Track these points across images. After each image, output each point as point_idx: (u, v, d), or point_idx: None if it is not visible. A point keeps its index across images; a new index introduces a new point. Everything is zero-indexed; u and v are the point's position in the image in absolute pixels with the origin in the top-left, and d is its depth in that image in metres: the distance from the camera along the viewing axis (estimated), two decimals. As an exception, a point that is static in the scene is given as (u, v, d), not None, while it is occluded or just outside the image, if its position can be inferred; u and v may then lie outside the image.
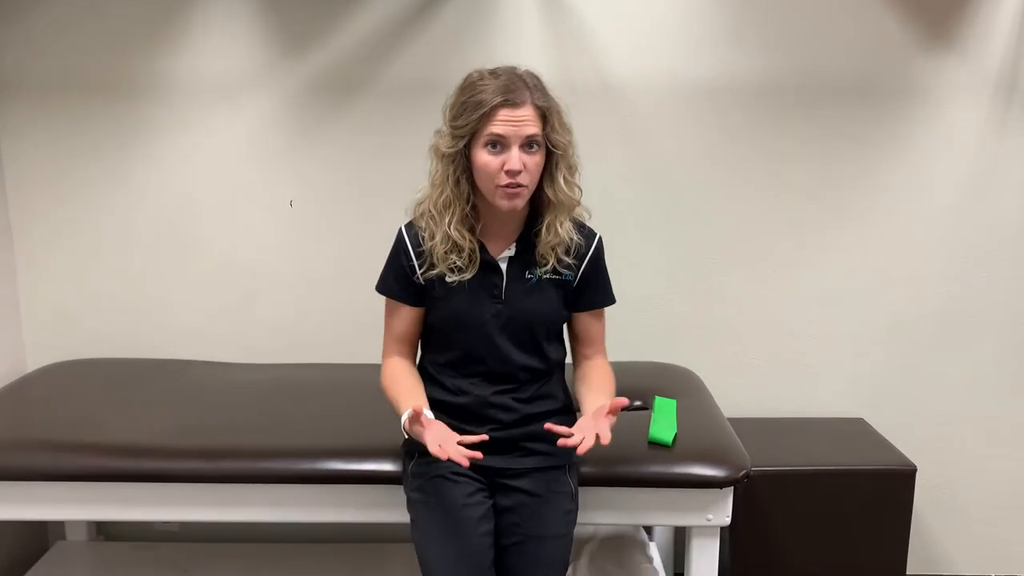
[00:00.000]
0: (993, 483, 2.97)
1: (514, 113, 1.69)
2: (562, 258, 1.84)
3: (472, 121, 1.70)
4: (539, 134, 1.72)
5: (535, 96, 1.73)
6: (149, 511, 2.18)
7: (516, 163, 1.69)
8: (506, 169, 1.70)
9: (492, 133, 1.70)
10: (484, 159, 1.72)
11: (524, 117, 1.70)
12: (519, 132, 1.70)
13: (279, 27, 2.73)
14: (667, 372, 2.75)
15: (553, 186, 1.79)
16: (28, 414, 2.47)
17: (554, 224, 1.81)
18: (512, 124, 1.69)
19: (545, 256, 1.83)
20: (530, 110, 1.71)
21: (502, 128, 1.69)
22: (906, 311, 2.88)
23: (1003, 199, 2.81)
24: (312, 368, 2.80)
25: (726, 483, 2.06)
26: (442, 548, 1.80)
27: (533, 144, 1.72)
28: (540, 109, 1.72)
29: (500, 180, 1.71)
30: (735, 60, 2.73)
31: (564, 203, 1.81)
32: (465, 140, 1.73)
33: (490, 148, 1.71)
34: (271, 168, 2.81)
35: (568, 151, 1.79)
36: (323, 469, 2.09)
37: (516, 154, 1.70)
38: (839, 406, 2.93)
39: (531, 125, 1.71)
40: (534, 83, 1.75)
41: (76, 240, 2.86)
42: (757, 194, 2.82)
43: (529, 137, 1.71)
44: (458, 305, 1.84)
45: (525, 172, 1.71)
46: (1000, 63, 2.73)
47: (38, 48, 2.73)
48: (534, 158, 1.73)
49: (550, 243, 1.82)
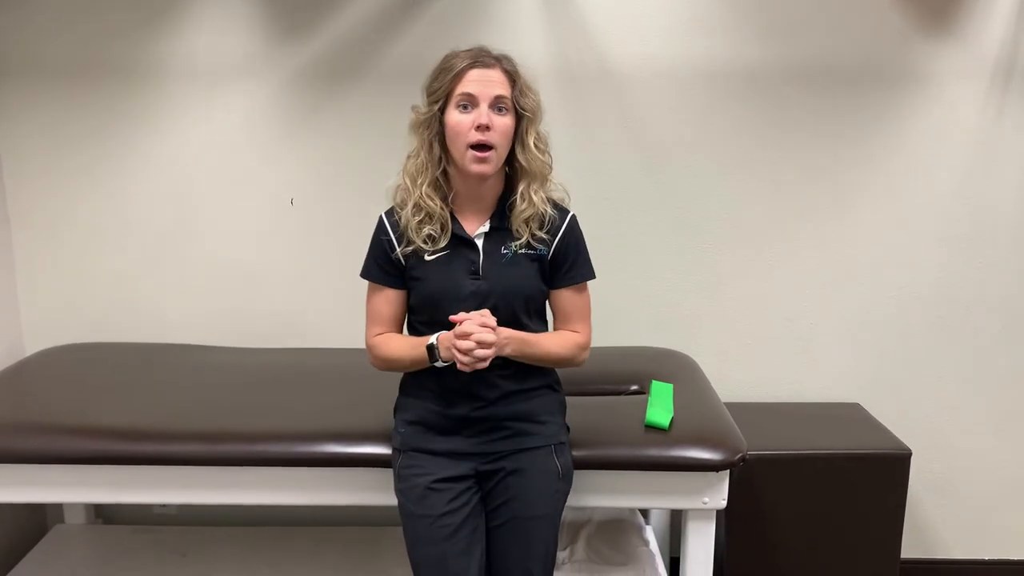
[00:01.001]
0: (987, 468, 2.99)
1: (484, 73, 1.79)
2: (536, 232, 1.88)
3: (445, 83, 1.80)
4: (507, 97, 1.81)
5: (504, 62, 1.83)
6: (147, 494, 2.18)
7: (485, 118, 1.78)
8: (476, 125, 1.78)
9: (463, 93, 1.79)
10: (456, 119, 1.80)
11: (492, 78, 1.79)
12: (488, 91, 1.78)
13: (275, 15, 2.72)
14: (664, 357, 2.75)
15: (524, 152, 1.85)
16: (26, 398, 2.47)
17: (527, 192, 1.86)
18: (481, 83, 1.78)
19: (519, 230, 1.88)
20: (498, 73, 1.81)
21: (472, 87, 1.78)
22: (903, 297, 2.89)
23: (1001, 184, 2.81)
24: (309, 352, 2.80)
25: (722, 467, 2.07)
26: (427, 553, 1.88)
27: (502, 108, 1.80)
28: (508, 73, 1.82)
29: (470, 138, 1.79)
30: (734, 45, 2.72)
31: (537, 171, 1.86)
32: (439, 104, 1.82)
33: (461, 109, 1.80)
34: (267, 154, 2.81)
35: (536, 115, 1.86)
36: (320, 452, 2.10)
37: (485, 110, 1.78)
38: (835, 391, 2.94)
39: (500, 86, 1.79)
40: (502, 54, 1.85)
41: (73, 226, 2.86)
42: (755, 179, 2.82)
43: (498, 98, 1.79)
44: (437, 282, 1.87)
45: (494, 131, 1.79)
46: (999, 48, 2.72)
47: (34, 35, 2.72)
48: (504, 119, 1.81)
49: (524, 213, 1.86)
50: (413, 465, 1.93)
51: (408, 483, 1.92)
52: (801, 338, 2.92)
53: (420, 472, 1.91)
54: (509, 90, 1.81)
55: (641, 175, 2.81)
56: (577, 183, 2.00)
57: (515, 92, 1.81)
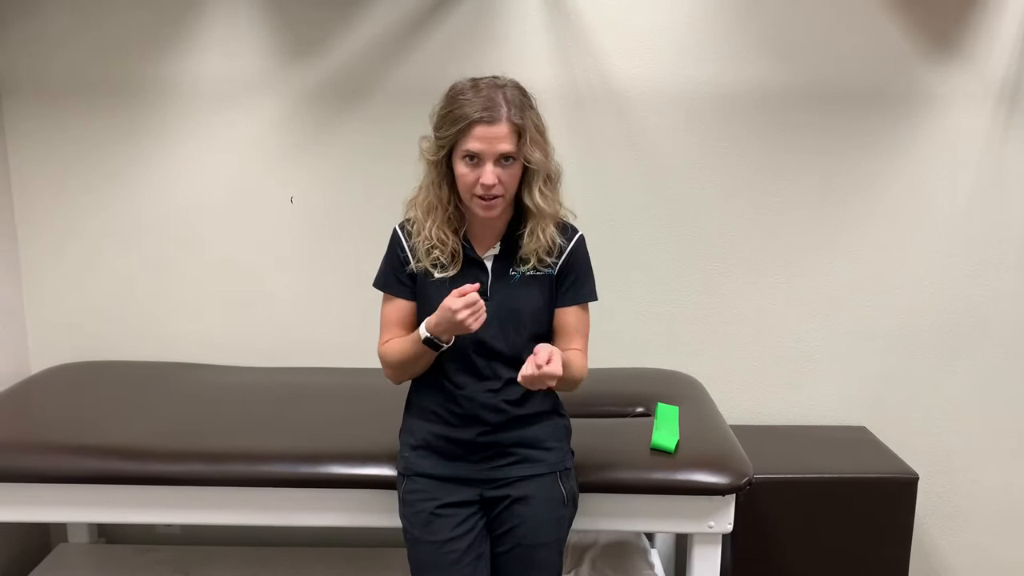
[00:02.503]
0: (995, 492, 2.97)
1: (489, 131, 1.76)
2: (543, 258, 1.91)
3: (451, 134, 1.79)
4: (513, 151, 1.79)
5: (511, 112, 1.77)
6: (151, 514, 2.18)
7: (490, 178, 1.77)
8: (480, 183, 1.78)
9: (468, 149, 1.78)
10: (462, 171, 1.80)
11: (498, 134, 1.76)
12: (493, 149, 1.77)
13: (284, 33, 2.74)
14: (670, 379, 2.74)
15: (531, 197, 1.85)
16: (31, 416, 2.48)
17: (536, 231, 1.88)
18: (486, 141, 1.76)
19: (528, 257, 1.90)
20: (505, 127, 1.76)
21: (477, 145, 1.76)
22: (909, 319, 2.88)
23: (1006, 207, 2.81)
24: (314, 372, 2.80)
25: (728, 490, 2.06)
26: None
27: (508, 158, 1.79)
28: (515, 126, 1.78)
29: (476, 191, 1.80)
30: (739, 67, 2.73)
31: (544, 213, 1.87)
32: (446, 151, 1.82)
33: (467, 161, 1.79)
34: (276, 173, 2.82)
35: (544, 165, 1.84)
36: (324, 473, 2.10)
37: (490, 169, 1.77)
38: (841, 414, 2.93)
39: (505, 143, 1.77)
40: (513, 98, 1.80)
41: (81, 243, 2.87)
42: (760, 201, 2.82)
43: (503, 154, 1.78)
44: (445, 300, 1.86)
45: (499, 185, 1.79)
46: (1004, 71, 2.73)
47: (46, 53, 2.74)
48: (509, 171, 1.80)
49: (533, 247, 1.89)
50: (418, 490, 1.92)
51: (413, 508, 1.92)
52: (807, 360, 2.91)
53: (425, 497, 1.91)
54: (515, 143, 1.78)
55: (647, 197, 2.81)
56: (583, 204, 2.01)
57: (521, 144, 1.79)
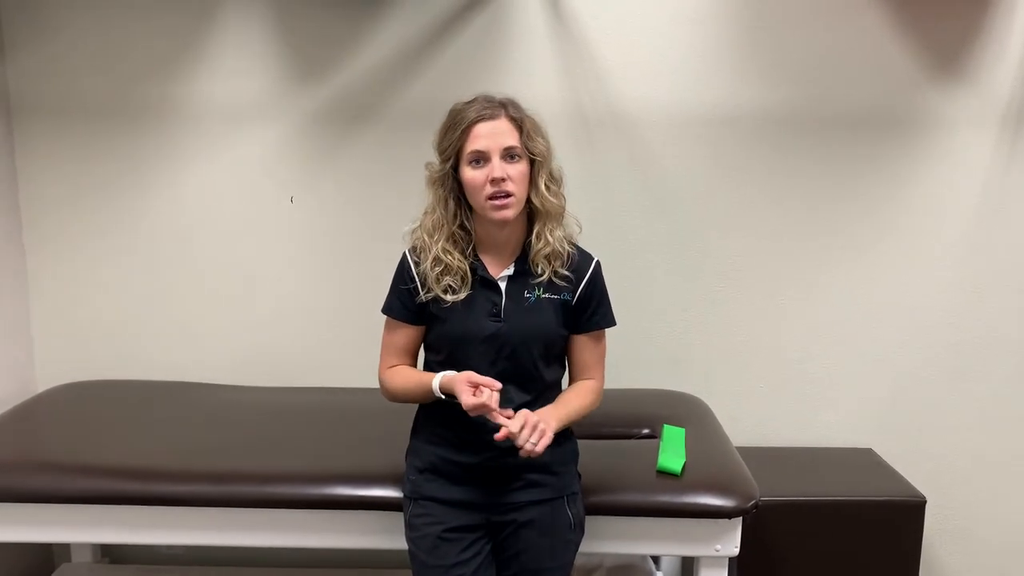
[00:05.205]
0: (1004, 515, 2.94)
1: (490, 126, 1.80)
2: (558, 271, 1.89)
3: (454, 140, 1.82)
4: (517, 145, 1.82)
5: (509, 109, 1.84)
6: (155, 535, 2.17)
7: (499, 171, 1.79)
8: (490, 178, 1.79)
9: (473, 150, 1.80)
10: (470, 175, 1.82)
11: (500, 128, 1.81)
12: (497, 143, 1.80)
13: (292, 55, 2.75)
14: (676, 400, 2.74)
15: (538, 195, 1.86)
16: (36, 435, 2.47)
17: (544, 232, 1.88)
18: (489, 137, 1.80)
19: (541, 268, 1.89)
20: (505, 122, 1.82)
21: (481, 143, 1.80)
22: (916, 341, 2.87)
23: (1012, 228, 2.80)
24: (318, 392, 2.80)
25: (735, 513, 2.05)
26: None
27: (514, 155, 1.82)
28: (514, 120, 1.83)
29: (487, 191, 1.81)
30: (746, 90, 2.74)
31: (551, 211, 1.88)
32: (451, 161, 1.84)
33: (474, 164, 1.81)
34: (284, 194, 2.83)
35: (547, 158, 1.87)
36: (330, 494, 2.09)
37: (498, 163, 1.80)
38: (848, 436, 2.92)
39: (508, 136, 1.81)
40: (507, 100, 1.86)
41: (89, 263, 2.87)
42: (767, 223, 2.82)
43: (508, 148, 1.81)
44: (458, 324, 1.87)
45: (509, 180, 1.80)
46: (1010, 93, 2.73)
47: (56, 74, 2.76)
48: (517, 167, 1.82)
49: (542, 252, 1.88)
50: (424, 514, 1.91)
51: (419, 532, 1.91)
52: (814, 382, 2.90)
53: (432, 521, 1.90)
54: (517, 137, 1.82)
55: (653, 218, 2.82)
56: (589, 225, 2.01)
57: (523, 138, 1.83)
